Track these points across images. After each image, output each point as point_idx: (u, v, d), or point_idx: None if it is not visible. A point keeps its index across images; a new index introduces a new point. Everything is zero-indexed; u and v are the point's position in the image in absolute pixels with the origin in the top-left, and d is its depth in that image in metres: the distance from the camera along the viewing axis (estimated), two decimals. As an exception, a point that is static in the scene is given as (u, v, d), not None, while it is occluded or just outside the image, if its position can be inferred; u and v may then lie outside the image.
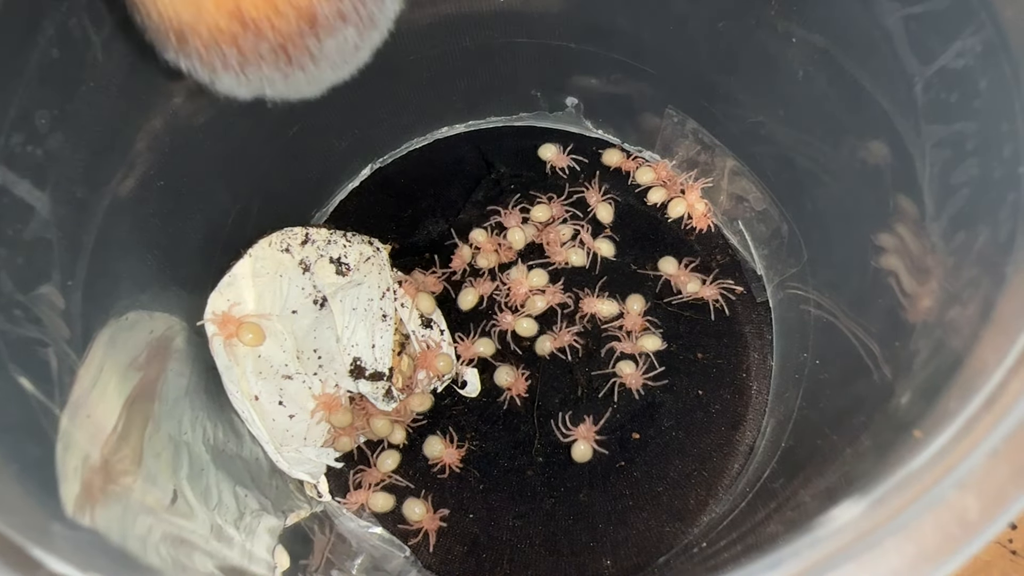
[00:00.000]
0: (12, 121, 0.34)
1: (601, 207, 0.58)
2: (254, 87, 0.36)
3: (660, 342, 0.54)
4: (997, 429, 0.21)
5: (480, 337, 0.54)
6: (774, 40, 0.44)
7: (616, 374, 0.53)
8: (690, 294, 0.55)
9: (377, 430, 0.51)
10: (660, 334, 0.54)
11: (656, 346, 0.54)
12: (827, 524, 0.21)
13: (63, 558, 0.22)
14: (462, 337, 0.54)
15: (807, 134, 0.47)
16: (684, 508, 0.51)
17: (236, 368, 0.47)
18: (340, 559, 0.48)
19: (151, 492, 0.37)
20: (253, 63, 0.34)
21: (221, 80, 0.35)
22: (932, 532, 0.20)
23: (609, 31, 0.52)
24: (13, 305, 0.33)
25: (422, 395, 0.52)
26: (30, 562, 0.22)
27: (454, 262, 0.56)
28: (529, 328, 0.55)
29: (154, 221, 0.44)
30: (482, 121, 0.62)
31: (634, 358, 0.54)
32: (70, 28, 0.36)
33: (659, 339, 0.54)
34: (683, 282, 0.55)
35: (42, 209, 0.36)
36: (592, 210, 0.58)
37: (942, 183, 0.35)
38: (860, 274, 0.42)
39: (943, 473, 0.21)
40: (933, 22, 0.34)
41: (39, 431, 0.31)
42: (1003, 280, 0.28)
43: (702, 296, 0.55)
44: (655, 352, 0.54)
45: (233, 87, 0.35)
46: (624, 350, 0.54)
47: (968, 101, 0.33)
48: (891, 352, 0.36)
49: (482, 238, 0.57)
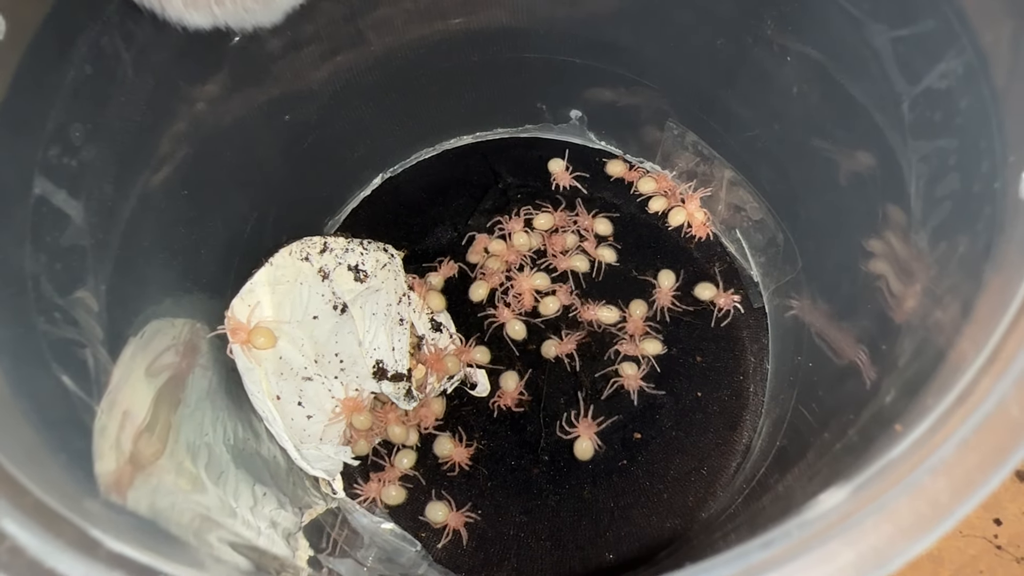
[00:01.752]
0: (50, 134, 0.36)
1: (598, 222, 0.60)
2: (204, 14, 0.37)
3: (661, 346, 0.56)
4: (968, 421, 0.24)
5: (479, 344, 0.57)
6: (770, 57, 0.46)
7: (619, 373, 0.55)
8: (707, 300, 0.57)
9: (394, 437, 0.53)
10: (661, 339, 0.56)
11: (657, 350, 0.56)
12: (815, 508, 0.24)
13: (105, 532, 0.24)
14: (462, 339, 0.56)
15: (801, 147, 0.49)
16: (684, 505, 0.53)
17: (258, 369, 0.49)
18: (354, 551, 0.50)
19: (176, 478, 0.39)
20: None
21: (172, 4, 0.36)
22: (908, 513, 0.22)
23: (612, 47, 0.54)
24: (53, 308, 0.35)
25: (438, 399, 0.54)
26: (86, 538, 0.24)
27: (470, 254, 0.59)
28: (520, 331, 0.57)
29: (178, 228, 0.46)
30: (489, 132, 0.64)
31: (636, 360, 0.56)
32: (102, 46, 0.38)
33: (660, 343, 0.56)
34: (665, 302, 0.57)
35: (77, 217, 0.38)
36: (584, 230, 0.60)
37: (927, 195, 0.37)
38: (851, 280, 0.44)
39: (919, 461, 0.23)
40: (919, 44, 0.36)
41: (82, 425, 0.33)
42: (980, 285, 0.30)
43: (716, 303, 0.57)
44: (656, 355, 0.56)
45: (182, 13, 0.36)
46: (627, 351, 0.56)
47: (950, 119, 0.35)
48: (878, 354, 0.39)
49: (498, 247, 0.59)
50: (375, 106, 0.57)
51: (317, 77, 0.52)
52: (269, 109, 0.50)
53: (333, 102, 0.54)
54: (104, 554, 0.24)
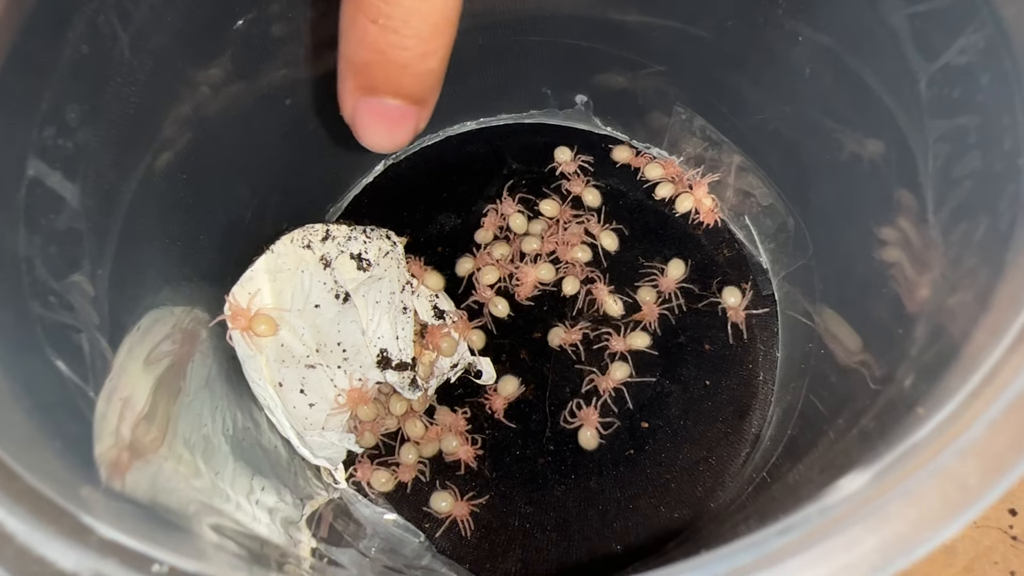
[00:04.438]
0: (44, 115, 0.35)
1: (587, 192, 0.59)
2: None
3: (648, 340, 0.55)
4: (996, 403, 0.23)
5: (476, 328, 0.56)
6: (781, 38, 0.45)
7: (601, 372, 0.55)
8: (730, 307, 0.56)
9: (395, 410, 0.53)
10: (648, 332, 0.55)
11: (645, 343, 0.55)
12: (835, 493, 0.23)
13: (102, 520, 0.24)
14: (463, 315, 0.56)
15: (813, 130, 0.48)
16: (692, 495, 0.52)
17: (259, 356, 0.48)
18: (357, 542, 0.49)
19: (176, 465, 0.39)
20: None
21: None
22: (935, 497, 0.21)
23: (619, 30, 0.53)
24: (48, 292, 0.34)
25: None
26: (78, 525, 0.23)
27: (479, 233, 0.59)
28: (503, 309, 0.56)
29: (177, 213, 0.45)
30: (493, 118, 0.63)
31: (626, 358, 0.55)
32: (99, 25, 0.37)
33: (648, 336, 0.55)
34: (652, 315, 0.56)
35: (72, 200, 0.37)
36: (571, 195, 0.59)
37: (944, 176, 0.36)
38: (864, 266, 0.43)
39: (945, 444, 0.22)
40: (937, 20, 0.35)
41: (77, 411, 0.32)
42: (1002, 268, 0.29)
43: (730, 316, 0.56)
44: (653, 346, 0.55)
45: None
46: (615, 347, 0.55)
47: (970, 96, 0.34)
48: (894, 340, 0.38)
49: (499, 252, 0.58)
50: (378, 91, 0.56)
51: (319, 61, 0.51)
52: (270, 93, 0.49)
53: (335, 87, 0.53)
54: (96, 541, 0.23)
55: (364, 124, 0.32)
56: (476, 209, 0.60)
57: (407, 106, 0.31)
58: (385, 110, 0.31)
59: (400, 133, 0.32)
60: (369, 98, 0.31)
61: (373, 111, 0.31)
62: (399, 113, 0.31)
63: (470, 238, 0.59)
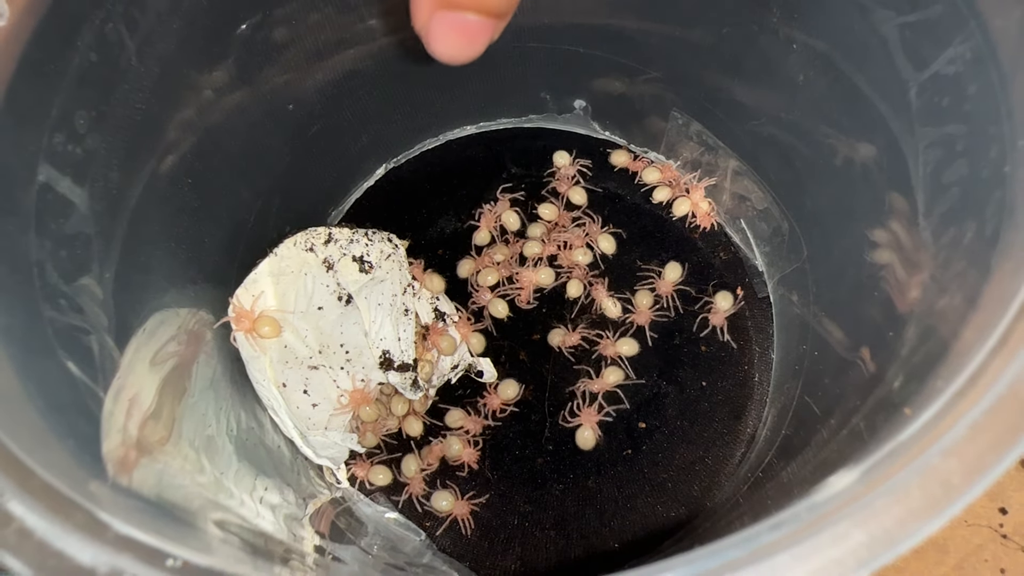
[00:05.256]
0: (54, 121, 0.36)
1: (574, 192, 0.60)
2: None
3: (637, 347, 0.56)
4: (978, 404, 0.23)
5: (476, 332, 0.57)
6: (776, 46, 0.46)
7: (593, 376, 0.55)
8: (715, 310, 0.57)
9: (396, 411, 0.53)
10: (641, 341, 0.56)
11: (634, 351, 0.56)
12: (824, 490, 0.23)
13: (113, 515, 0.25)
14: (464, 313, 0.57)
15: (807, 136, 0.48)
16: (689, 494, 0.53)
17: (263, 357, 0.49)
18: (359, 539, 0.50)
19: (182, 463, 0.39)
20: None
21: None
22: (919, 495, 0.22)
23: (617, 37, 0.54)
24: (59, 295, 0.35)
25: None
26: (94, 521, 0.24)
27: (476, 234, 0.60)
28: (502, 310, 0.57)
29: (182, 217, 0.46)
30: (492, 123, 0.64)
31: (618, 363, 0.56)
32: (107, 33, 0.38)
33: (636, 344, 0.56)
34: (645, 320, 0.57)
35: (81, 205, 0.37)
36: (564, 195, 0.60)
37: (934, 182, 0.37)
38: (856, 268, 0.44)
39: (929, 443, 0.23)
40: (926, 30, 0.36)
41: (88, 411, 0.33)
42: (988, 272, 0.30)
43: (711, 319, 0.57)
44: (644, 351, 0.56)
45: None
46: (604, 352, 0.56)
47: (958, 105, 0.34)
48: (884, 341, 0.38)
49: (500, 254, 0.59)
50: (379, 96, 0.57)
51: (322, 66, 0.52)
52: (273, 98, 0.50)
53: (337, 91, 0.54)
54: (112, 536, 0.24)
55: (440, 36, 0.31)
56: (476, 212, 0.60)
57: (487, 20, 0.31)
58: (466, 24, 0.31)
59: (478, 45, 0.32)
60: (448, 12, 0.31)
61: (452, 24, 0.31)
62: (479, 27, 0.31)
63: (470, 241, 0.60)
